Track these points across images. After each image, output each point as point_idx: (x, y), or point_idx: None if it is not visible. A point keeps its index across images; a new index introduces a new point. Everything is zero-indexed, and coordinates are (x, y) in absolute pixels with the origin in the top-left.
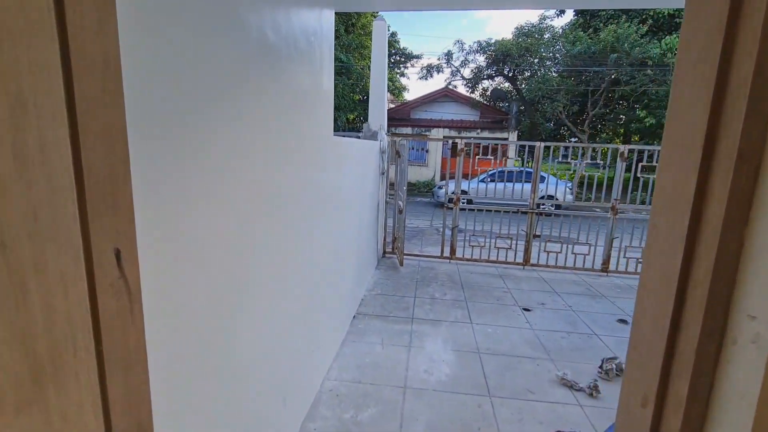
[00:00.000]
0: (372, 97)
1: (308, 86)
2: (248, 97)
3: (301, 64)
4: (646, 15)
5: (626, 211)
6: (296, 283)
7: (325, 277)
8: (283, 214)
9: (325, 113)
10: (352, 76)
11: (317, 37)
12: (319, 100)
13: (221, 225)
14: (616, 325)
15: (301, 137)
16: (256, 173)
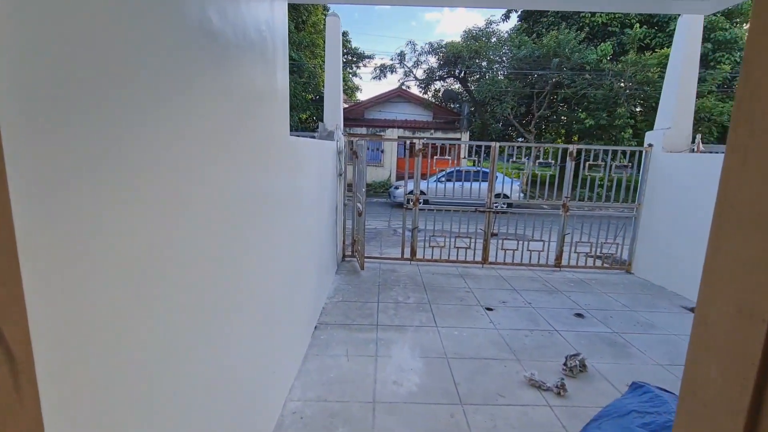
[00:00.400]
0: (327, 96)
1: (261, 81)
2: (187, 91)
3: (252, 56)
4: (583, 23)
5: (576, 208)
6: (251, 297)
7: (283, 288)
8: (234, 221)
9: (280, 111)
10: (304, 74)
11: (270, 28)
12: (273, 97)
13: (149, 237)
14: (573, 319)
15: (253, 137)
16: (197, 177)
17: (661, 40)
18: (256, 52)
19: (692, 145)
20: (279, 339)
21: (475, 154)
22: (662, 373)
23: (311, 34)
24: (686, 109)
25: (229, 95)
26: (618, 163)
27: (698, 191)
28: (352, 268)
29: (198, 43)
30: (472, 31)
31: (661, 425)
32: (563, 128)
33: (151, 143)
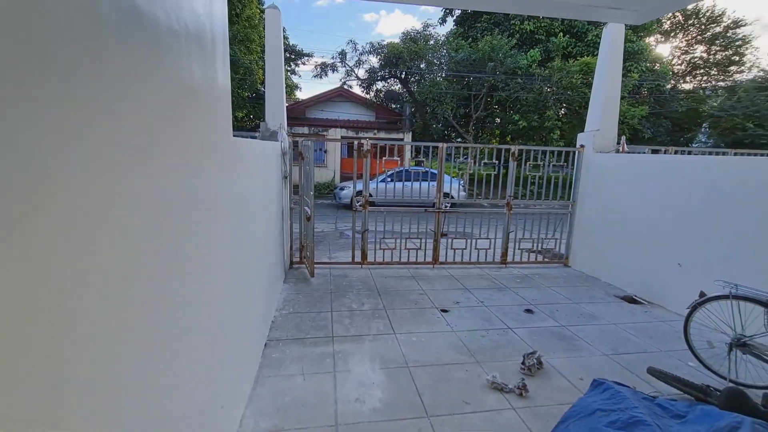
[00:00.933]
0: (269, 93)
1: (199, 75)
2: (99, 83)
3: (188, 45)
4: (514, 30)
5: (519, 207)
6: (190, 318)
7: (227, 305)
8: (167, 231)
9: (221, 110)
10: (239, 70)
11: (208, 15)
12: (214, 94)
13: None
14: (524, 315)
15: (192, 137)
16: (113, 183)
17: (581, 49)
18: (193, 41)
19: (618, 145)
20: (225, 365)
21: (423, 155)
22: (609, 363)
23: (246, 28)
24: (612, 112)
25: (160, 89)
26: (555, 163)
27: (623, 188)
28: (301, 275)
29: (116, 24)
30: (410, 33)
31: (625, 422)
32: (498, 129)
33: (37, 143)
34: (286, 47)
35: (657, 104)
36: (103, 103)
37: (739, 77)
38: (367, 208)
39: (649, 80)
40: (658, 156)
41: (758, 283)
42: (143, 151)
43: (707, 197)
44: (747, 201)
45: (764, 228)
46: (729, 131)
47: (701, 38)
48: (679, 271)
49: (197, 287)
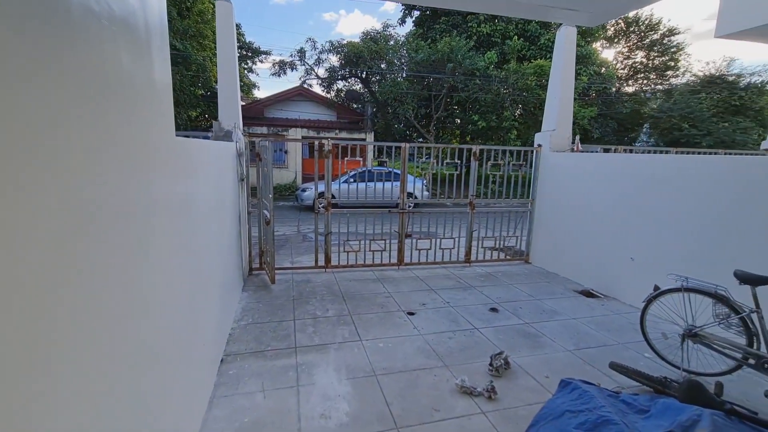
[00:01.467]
0: (222, 91)
1: (130, 68)
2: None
3: (115, 32)
4: (471, 32)
5: (481, 206)
6: (131, 336)
7: (176, 320)
8: (87, 240)
9: (161, 107)
10: (191, 67)
11: (141, 0)
12: (150, 89)
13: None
14: (489, 314)
15: (123, 137)
16: (29, 190)
17: (534, 52)
18: (120, 28)
19: (572, 145)
20: (174, 388)
21: (386, 155)
22: (572, 359)
23: (198, 23)
24: (567, 112)
25: (72, 81)
26: (514, 162)
27: (578, 186)
28: (261, 282)
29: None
30: (370, 32)
31: (593, 423)
32: (458, 129)
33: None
34: (242, 44)
35: (604, 106)
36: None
37: (675, 81)
38: (329, 210)
39: (596, 83)
40: (610, 155)
41: (705, 274)
42: (49, 152)
43: (655, 193)
44: (690, 196)
45: (707, 221)
46: (667, 131)
47: (641, 44)
48: (632, 264)
49: (127, 299)
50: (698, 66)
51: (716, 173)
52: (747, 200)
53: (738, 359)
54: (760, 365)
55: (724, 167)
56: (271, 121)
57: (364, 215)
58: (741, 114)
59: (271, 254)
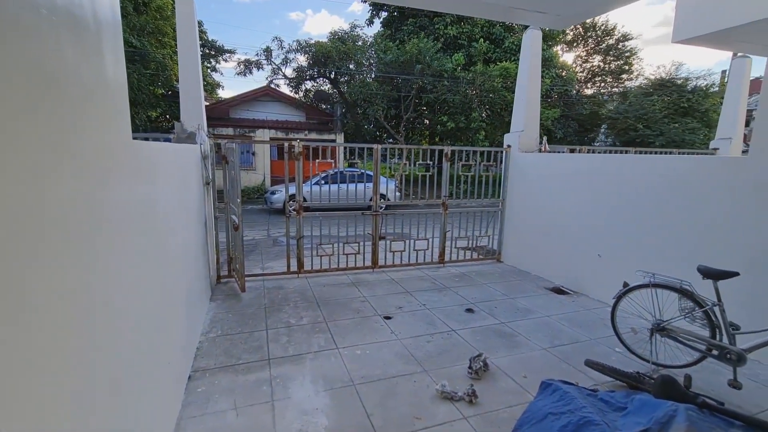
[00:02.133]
0: (184, 91)
1: (76, 65)
2: None
3: (51, 23)
4: (438, 34)
5: (454, 206)
6: (83, 359)
7: (139, 335)
8: (43, 256)
9: (114, 107)
10: (150, 65)
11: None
12: (100, 88)
13: None
14: (465, 315)
15: (67, 141)
16: None
17: (499, 55)
18: (62, 20)
19: (540, 145)
20: (138, 412)
21: (358, 156)
22: (548, 357)
23: (156, 19)
24: (534, 113)
25: (5, 78)
26: (485, 163)
27: (546, 185)
28: (230, 291)
29: None
30: (338, 33)
31: (576, 424)
32: (428, 130)
33: None
34: (205, 42)
35: (566, 107)
36: None
37: (630, 84)
38: (301, 213)
39: (558, 85)
40: (576, 155)
41: (671, 269)
42: None
43: (619, 192)
44: (654, 194)
45: (671, 218)
46: (624, 131)
47: (598, 49)
48: (600, 261)
49: (80, 316)
50: (650, 70)
51: (677, 172)
52: (707, 198)
53: (702, 351)
54: (722, 356)
55: (685, 166)
56: (237, 122)
57: (336, 218)
58: (689, 115)
59: (240, 261)
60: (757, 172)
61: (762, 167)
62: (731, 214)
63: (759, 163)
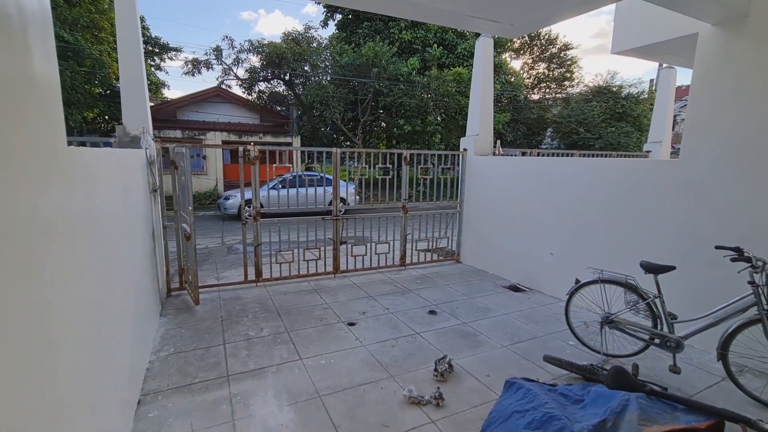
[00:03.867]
0: (126, 91)
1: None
2: None
3: None
4: (393, 38)
5: (414, 209)
6: (13, 394)
7: (79, 361)
8: None
9: (41, 111)
10: (85, 62)
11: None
12: (25, 89)
13: None
14: (428, 317)
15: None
16: None
17: (452, 60)
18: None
19: (494, 149)
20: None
21: (317, 160)
22: (509, 354)
23: (91, 13)
24: (488, 117)
25: None
26: (444, 166)
27: (501, 186)
28: (182, 304)
29: None
30: (292, 34)
31: (540, 421)
32: (385, 133)
33: None
34: (148, 39)
35: (515, 111)
36: None
37: (572, 90)
38: (258, 219)
39: (508, 91)
40: (526, 158)
41: (618, 266)
42: None
43: (567, 192)
44: (600, 194)
45: (616, 216)
46: (567, 135)
47: (542, 57)
48: (552, 259)
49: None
50: (589, 77)
51: (619, 174)
52: (646, 197)
53: (646, 340)
54: (663, 344)
55: (626, 169)
56: (185, 124)
57: (295, 223)
58: (623, 120)
59: (193, 272)
60: (686, 173)
61: (689, 169)
62: (667, 212)
63: (687, 166)
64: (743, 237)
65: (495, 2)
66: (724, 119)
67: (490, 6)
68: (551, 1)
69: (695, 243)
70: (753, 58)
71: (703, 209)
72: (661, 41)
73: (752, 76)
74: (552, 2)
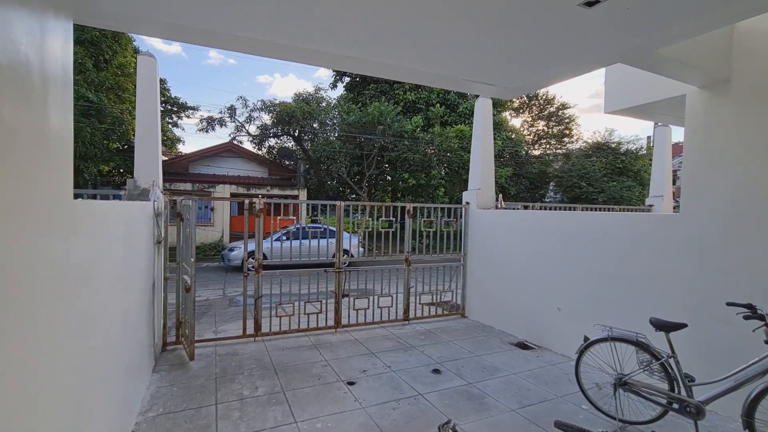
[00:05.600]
0: (140, 146)
1: (10, 118)
2: None
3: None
4: (398, 99)
5: (417, 261)
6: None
7: (57, 424)
8: None
9: (52, 164)
10: (106, 119)
11: (34, 45)
12: (39, 145)
13: None
14: (432, 377)
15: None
16: None
17: (454, 118)
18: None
19: (497, 202)
20: None
21: (321, 213)
22: (518, 419)
23: (117, 76)
24: (489, 172)
25: None
26: (447, 219)
27: (505, 240)
28: (177, 359)
29: None
30: (302, 94)
31: None
32: (390, 187)
33: None
34: (167, 99)
35: (517, 166)
36: None
37: (571, 146)
38: (260, 271)
39: (509, 146)
40: (530, 211)
41: (628, 322)
42: None
43: (575, 246)
44: (608, 248)
45: (619, 271)
46: (570, 188)
47: (542, 115)
48: (560, 314)
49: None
50: (587, 134)
51: (623, 227)
52: (651, 251)
53: (664, 405)
54: (683, 409)
55: (630, 222)
56: (196, 177)
57: (298, 275)
58: (624, 174)
59: (190, 326)
60: (686, 229)
61: (689, 225)
62: (674, 267)
63: (686, 221)
64: (754, 293)
65: (488, 68)
66: (716, 176)
67: (484, 71)
68: (539, 68)
69: (705, 299)
70: (737, 119)
71: (708, 264)
72: (651, 102)
73: (738, 136)
74: (539, 69)
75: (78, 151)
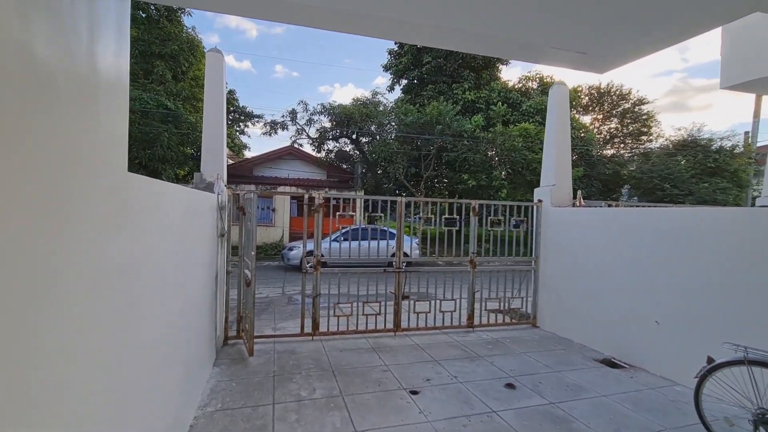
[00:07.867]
0: (206, 141)
1: (45, 53)
2: None
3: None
4: (457, 99)
5: (482, 264)
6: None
7: (121, 418)
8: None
9: (106, 116)
10: (182, 126)
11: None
12: (82, 88)
13: None
14: (506, 392)
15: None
16: None
17: (517, 117)
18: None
19: (574, 200)
20: None
21: (381, 210)
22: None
23: (193, 87)
24: (565, 167)
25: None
26: (516, 218)
27: (584, 242)
28: (237, 354)
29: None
30: (360, 99)
31: None
32: (447, 189)
33: None
34: (236, 108)
35: (588, 167)
36: None
37: (650, 145)
38: (318, 269)
39: (579, 146)
40: (621, 209)
41: (757, 339)
42: None
43: (678, 249)
44: (725, 250)
45: (752, 278)
46: (650, 191)
47: (614, 113)
48: (658, 329)
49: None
50: (669, 131)
51: (752, 225)
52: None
53: None
54: None
55: (752, 221)
56: (259, 179)
57: (356, 275)
58: (717, 175)
59: (250, 320)
60: None
61: None
62: None
63: None
64: None
65: (582, 30)
66: None
67: (576, 35)
68: (651, 28)
69: None
70: None
71: None
72: None
73: None
74: (652, 28)
75: (157, 154)
